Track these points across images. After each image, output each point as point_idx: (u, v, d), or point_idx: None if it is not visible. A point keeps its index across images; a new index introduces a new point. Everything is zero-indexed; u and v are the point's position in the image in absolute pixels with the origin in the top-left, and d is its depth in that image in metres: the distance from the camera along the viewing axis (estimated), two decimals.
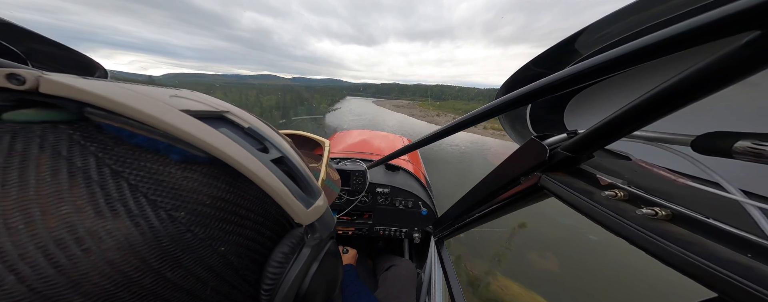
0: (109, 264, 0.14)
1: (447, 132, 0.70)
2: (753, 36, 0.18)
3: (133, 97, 0.15)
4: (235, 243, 0.18)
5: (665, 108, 0.26)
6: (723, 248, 0.22)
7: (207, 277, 0.17)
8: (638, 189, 0.31)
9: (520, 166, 0.51)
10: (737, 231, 0.22)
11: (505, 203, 0.59)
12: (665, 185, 0.31)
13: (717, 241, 0.22)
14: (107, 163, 0.15)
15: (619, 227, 0.30)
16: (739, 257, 0.21)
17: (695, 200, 0.27)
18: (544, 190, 0.45)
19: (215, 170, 0.18)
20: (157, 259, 0.15)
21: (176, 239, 0.16)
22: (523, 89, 0.46)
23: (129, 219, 0.14)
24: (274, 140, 0.23)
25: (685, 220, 0.26)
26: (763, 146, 0.22)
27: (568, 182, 0.40)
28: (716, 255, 0.21)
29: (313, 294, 0.22)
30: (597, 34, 0.46)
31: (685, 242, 0.24)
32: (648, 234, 0.27)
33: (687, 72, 0.23)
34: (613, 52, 0.30)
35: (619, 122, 0.31)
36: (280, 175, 0.20)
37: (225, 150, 0.17)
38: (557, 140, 0.46)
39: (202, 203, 0.17)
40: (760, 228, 0.22)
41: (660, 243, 0.25)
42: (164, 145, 0.16)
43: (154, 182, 0.16)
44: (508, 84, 0.62)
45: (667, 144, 0.31)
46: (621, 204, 0.31)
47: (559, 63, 0.54)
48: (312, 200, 0.22)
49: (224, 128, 0.20)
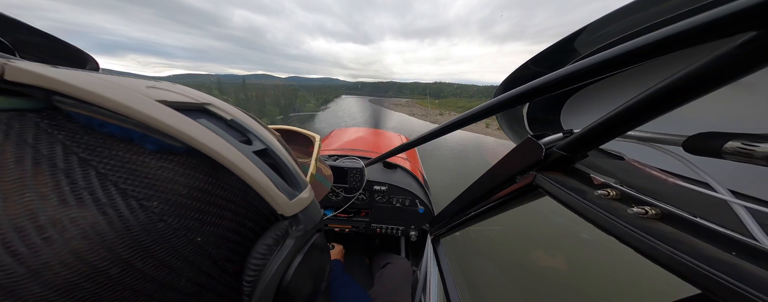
0: (72, 253, 0.13)
1: (445, 130, 0.71)
2: (749, 37, 0.19)
3: (104, 86, 0.15)
4: (214, 233, 0.18)
5: (659, 108, 0.26)
6: (709, 246, 0.22)
7: (181, 267, 0.17)
8: (630, 189, 0.32)
9: (516, 165, 0.51)
10: (723, 229, 0.22)
11: (500, 202, 0.60)
12: (656, 185, 0.32)
13: (704, 239, 0.23)
14: (75, 151, 0.15)
15: (610, 225, 0.30)
16: (724, 255, 0.21)
17: (685, 200, 0.28)
18: (539, 189, 0.46)
19: (193, 161, 0.18)
20: (126, 249, 0.15)
21: (147, 228, 0.15)
22: (520, 88, 0.46)
23: (96, 208, 0.14)
24: (257, 132, 0.24)
25: (674, 219, 0.26)
26: (753, 147, 0.22)
27: (562, 181, 0.41)
28: (702, 253, 0.22)
29: (297, 286, 0.23)
30: (595, 34, 0.47)
31: (673, 240, 0.24)
32: (638, 232, 0.27)
33: (681, 73, 0.23)
34: (610, 52, 0.30)
35: (614, 122, 0.31)
36: (263, 166, 0.20)
37: (201, 140, 0.17)
38: (553, 140, 0.46)
39: (177, 192, 0.17)
40: (746, 227, 0.22)
41: (649, 241, 0.26)
42: (138, 134, 0.16)
43: (125, 171, 0.16)
44: (506, 83, 0.62)
45: (659, 144, 0.32)
46: (613, 203, 0.32)
47: (557, 62, 0.55)
48: (296, 192, 0.22)
49: (203, 119, 0.20)
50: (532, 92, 0.44)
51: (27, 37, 0.40)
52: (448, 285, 0.92)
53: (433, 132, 0.76)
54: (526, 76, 0.59)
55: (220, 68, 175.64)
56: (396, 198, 1.30)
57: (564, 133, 0.45)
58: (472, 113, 0.60)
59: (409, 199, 1.29)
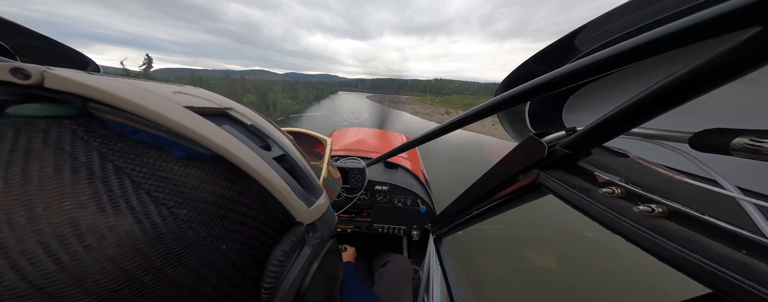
0: (110, 261, 0.13)
1: (446, 130, 0.70)
2: (754, 32, 0.18)
3: (137, 93, 0.15)
4: (237, 241, 0.18)
5: (664, 105, 0.26)
6: (718, 244, 0.22)
7: (208, 275, 0.17)
8: (635, 186, 0.31)
9: (519, 163, 0.51)
10: (733, 227, 0.22)
11: (503, 201, 0.60)
12: (662, 183, 0.32)
13: (713, 238, 0.23)
14: (110, 159, 0.15)
15: (616, 224, 0.30)
16: (734, 254, 0.21)
17: (692, 197, 0.28)
18: (542, 187, 0.46)
19: (218, 168, 0.18)
20: (159, 257, 0.15)
21: (178, 236, 0.16)
22: (522, 86, 0.45)
23: (131, 216, 0.14)
24: (276, 138, 0.23)
25: (681, 217, 0.26)
26: (762, 143, 0.22)
27: (566, 180, 0.40)
28: (712, 252, 0.22)
29: (313, 292, 0.23)
30: (597, 31, 0.46)
31: (681, 238, 0.24)
32: (644, 230, 0.27)
33: (686, 69, 0.23)
34: (613, 49, 0.29)
35: (618, 119, 0.31)
36: (282, 173, 0.20)
37: (228, 147, 0.17)
38: (556, 138, 0.46)
39: (205, 200, 0.17)
40: (756, 225, 0.22)
41: (656, 240, 0.25)
42: (167, 141, 0.16)
43: (156, 179, 0.16)
44: (507, 81, 0.62)
45: (665, 141, 0.32)
46: (618, 201, 0.31)
47: (559, 60, 0.54)
48: (313, 198, 0.22)
49: (227, 125, 0.19)
50: (533, 90, 0.43)
51: (27, 41, 0.40)
52: (451, 284, 0.91)
53: (434, 131, 0.76)
54: (527, 74, 0.58)
55: (217, 64, 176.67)
56: (397, 198, 1.29)
57: (567, 131, 0.45)
58: (473, 112, 0.60)
59: (410, 199, 1.29)
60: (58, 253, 0.12)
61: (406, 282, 1.03)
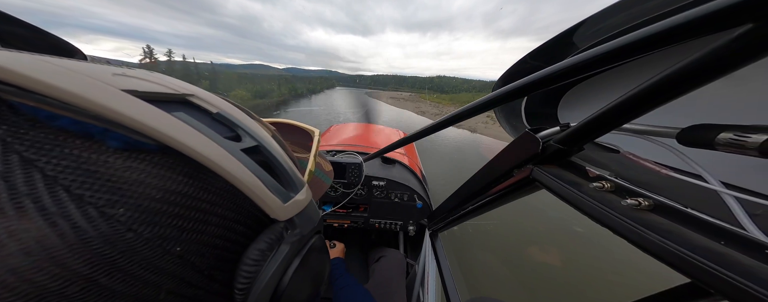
0: (12, 272, 0.11)
1: (443, 125, 0.71)
2: (745, 29, 0.19)
3: (52, 71, 0.13)
4: (197, 241, 0.17)
5: (656, 101, 0.26)
6: (699, 236, 0.23)
7: (158, 281, 0.15)
8: (624, 181, 0.32)
9: (514, 158, 0.52)
10: (713, 219, 0.23)
11: (498, 196, 0.61)
12: (650, 177, 0.32)
13: (694, 229, 0.23)
14: (16, 149, 0.13)
15: (604, 217, 0.31)
16: (713, 245, 0.22)
17: (677, 191, 0.28)
18: (536, 182, 0.46)
19: (169, 160, 0.16)
20: (85, 264, 0.13)
21: (112, 240, 0.14)
22: (519, 82, 0.46)
23: (42, 218, 0.12)
24: (248, 128, 0.21)
25: (666, 210, 0.27)
26: (745, 138, 0.22)
27: (558, 175, 0.41)
28: (692, 243, 0.22)
29: (294, 292, 0.22)
30: (594, 28, 0.46)
31: (664, 231, 0.25)
32: (630, 223, 0.28)
33: (678, 65, 0.23)
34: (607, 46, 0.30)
35: (610, 115, 0.31)
36: (252, 166, 0.18)
37: (175, 136, 0.15)
38: (550, 133, 0.46)
39: (150, 197, 0.15)
40: (735, 217, 0.23)
41: (641, 232, 0.26)
42: (98, 130, 0.14)
43: (81, 173, 0.13)
44: (505, 77, 0.62)
45: (654, 136, 0.32)
46: (607, 195, 0.32)
47: (556, 56, 0.55)
48: (291, 193, 0.21)
49: (181, 113, 0.18)
50: (530, 85, 0.44)
51: (10, 28, 0.39)
52: (445, 278, 0.93)
53: (431, 127, 0.76)
54: (525, 70, 0.59)
55: (216, 57, 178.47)
56: (394, 193, 1.30)
57: (561, 126, 0.45)
58: (470, 107, 0.60)
59: (407, 194, 1.30)
60: None
61: (399, 276, 1.05)
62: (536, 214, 3.18)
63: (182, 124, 0.16)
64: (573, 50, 0.52)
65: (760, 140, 0.21)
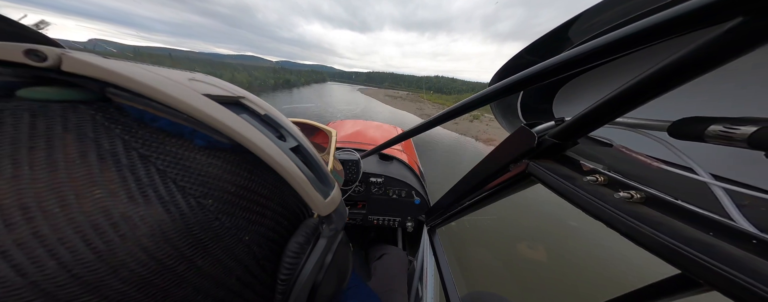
0: (144, 250, 0.13)
1: (441, 120, 0.71)
2: (735, 22, 0.19)
3: (157, 79, 0.15)
4: (257, 232, 0.19)
5: (649, 94, 0.26)
6: (688, 227, 0.23)
7: (233, 266, 0.17)
8: (617, 174, 0.32)
9: (510, 153, 0.52)
10: (702, 211, 0.23)
11: (494, 191, 0.61)
12: (642, 170, 0.33)
13: (684, 221, 0.24)
14: (134, 146, 0.15)
15: (598, 210, 0.31)
16: (702, 235, 0.22)
17: (668, 184, 0.29)
18: (532, 177, 0.47)
19: (237, 158, 0.18)
20: (189, 247, 0.15)
21: (206, 227, 0.16)
22: (514, 77, 0.46)
23: (161, 205, 0.14)
24: (290, 128, 0.23)
25: (657, 202, 0.27)
26: (734, 130, 0.23)
27: (553, 169, 0.41)
28: (681, 235, 0.23)
29: (326, 285, 0.23)
30: (589, 22, 0.46)
31: (656, 223, 0.25)
32: (623, 216, 0.28)
33: (671, 59, 0.23)
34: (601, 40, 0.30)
35: (604, 109, 0.31)
36: (300, 164, 0.20)
37: (250, 137, 0.17)
38: (545, 128, 0.47)
39: (227, 191, 0.17)
40: (724, 208, 0.23)
41: (633, 224, 0.27)
42: (188, 130, 0.16)
43: (181, 168, 0.15)
44: (501, 73, 0.62)
45: (646, 130, 0.33)
46: (600, 189, 0.33)
47: (551, 51, 0.55)
48: (329, 190, 0.22)
49: (245, 115, 0.19)
50: (526, 80, 0.44)
51: None
52: (444, 273, 0.94)
53: (429, 122, 0.77)
54: (521, 65, 0.59)
55: (205, 46, 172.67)
56: (392, 190, 1.31)
57: (556, 121, 0.46)
58: (467, 103, 0.61)
59: (405, 190, 1.30)
60: (95, 242, 0.12)
61: (401, 274, 1.06)
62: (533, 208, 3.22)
63: (251, 126, 0.18)
64: (568, 45, 0.52)
65: (748, 132, 0.22)
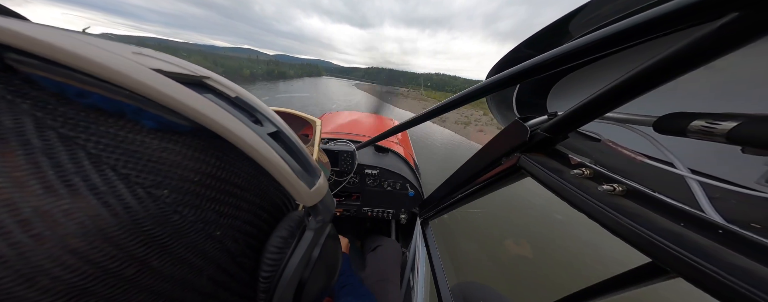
0: (73, 253, 0.11)
1: (438, 111, 0.72)
2: (730, 18, 0.19)
3: (81, 45, 0.12)
4: (232, 226, 0.17)
5: (640, 88, 0.27)
6: (662, 218, 0.24)
7: (203, 265, 0.15)
8: (602, 168, 0.34)
9: (503, 147, 0.53)
10: (677, 203, 0.25)
11: (486, 184, 0.63)
12: (626, 164, 0.34)
13: (659, 213, 0.25)
14: (51, 125, 0.12)
15: (582, 202, 0.33)
16: (673, 226, 0.23)
17: (650, 177, 0.30)
18: (522, 170, 0.48)
19: (201, 143, 0.16)
20: (140, 246, 0.13)
21: (161, 221, 0.13)
22: (512, 69, 0.46)
23: (94, 197, 0.12)
24: (266, 113, 0.21)
25: (637, 195, 0.28)
26: (715, 125, 0.24)
27: (543, 162, 0.43)
28: (655, 225, 0.24)
29: (314, 282, 0.21)
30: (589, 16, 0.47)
31: (633, 214, 0.27)
32: (604, 208, 0.29)
33: (666, 52, 0.23)
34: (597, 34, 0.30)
35: (596, 103, 0.32)
36: (279, 150, 0.18)
37: (216, 118, 0.14)
38: (538, 122, 0.48)
39: (189, 180, 0.15)
40: (697, 201, 0.24)
41: (612, 216, 0.28)
42: (132, 108, 0.13)
43: (123, 153, 0.13)
44: (499, 66, 0.63)
45: (633, 125, 0.34)
46: (585, 182, 0.34)
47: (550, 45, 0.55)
48: (314, 179, 0.20)
49: (209, 95, 0.17)
50: (523, 73, 0.44)
51: None
52: (435, 264, 0.97)
53: (426, 114, 0.77)
54: (519, 58, 0.59)
55: (200, 38, 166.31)
56: (387, 182, 1.32)
57: (549, 115, 0.46)
58: (464, 95, 0.61)
59: (400, 182, 1.32)
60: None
61: (395, 265, 1.09)
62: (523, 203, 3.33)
63: (216, 106, 0.15)
64: (567, 40, 0.52)
65: (728, 128, 0.23)
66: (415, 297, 0.97)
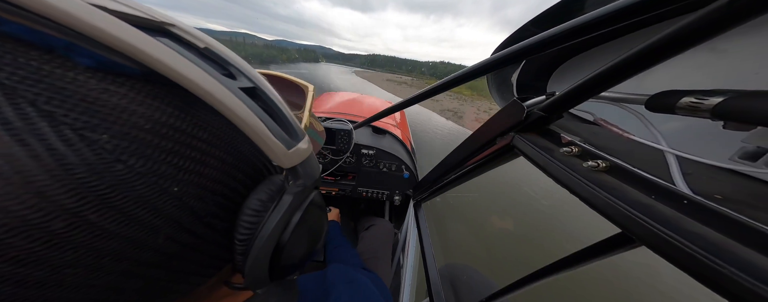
0: None
1: (438, 89, 0.72)
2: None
3: None
4: (196, 183, 0.16)
5: (640, 66, 0.26)
6: (636, 191, 0.26)
7: (157, 223, 0.14)
8: (590, 146, 0.34)
9: (499, 126, 0.54)
10: (650, 176, 0.26)
11: (479, 164, 0.64)
12: (613, 141, 0.35)
13: (635, 186, 0.26)
14: None
15: (566, 179, 0.34)
16: (644, 198, 0.25)
17: (634, 154, 0.31)
18: (515, 149, 0.49)
19: (155, 89, 0.15)
20: (70, 196, 0.11)
21: (99, 171, 0.12)
22: (517, 45, 0.46)
23: (6, 133, 0.10)
24: (243, 68, 0.20)
25: (618, 170, 0.29)
26: (702, 101, 0.24)
27: (535, 141, 0.43)
28: (629, 198, 0.25)
29: (294, 246, 0.22)
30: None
31: (611, 188, 0.28)
32: (586, 183, 0.31)
33: (674, 27, 0.23)
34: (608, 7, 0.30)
35: (593, 81, 0.32)
36: (253, 107, 0.17)
37: (167, 61, 0.13)
38: (536, 102, 0.48)
39: (137, 126, 0.14)
40: (670, 174, 0.25)
41: (592, 190, 0.29)
42: (63, 43, 0.12)
43: (46, 87, 0.11)
44: (505, 44, 0.62)
45: (626, 104, 0.34)
46: (572, 159, 0.35)
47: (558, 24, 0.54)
48: (293, 142, 0.20)
49: (166, 40, 0.15)
50: (528, 49, 0.44)
51: None
52: (425, 246, 1.01)
53: (426, 92, 0.77)
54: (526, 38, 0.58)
55: (196, 21, 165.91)
56: (383, 163, 1.34)
57: (547, 95, 0.47)
58: (467, 72, 0.61)
59: (395, 164, 1.34)
60: None
61: (387, 244, 1.13)
62: None
63: (172, 51, 0.14)
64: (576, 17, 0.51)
65: (714, 103, 0.23)
66: (403, 275, 1.03)
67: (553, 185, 0.37)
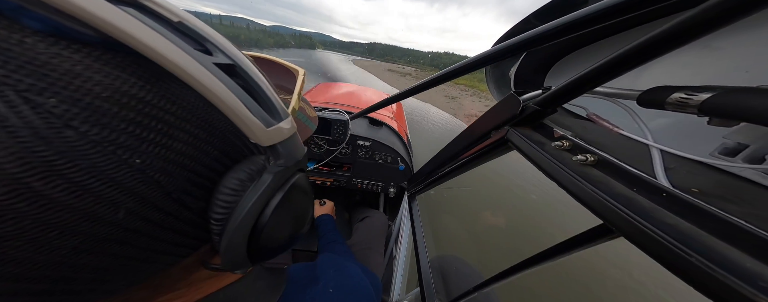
0: None
1: (437, 80, 0.72)
2: None
3: None
4: (162, 157, 0.15)
5: (635, 61, 0.27)
6: (619, 184, 0.27)
7: (114, 196, 0.14)
8: (581, 140, 0.35)
9: (495, 120, 0.55)
10: (634, 169, 0.27)
11: (472, 157, 0.65)
12: (603, 136, 0.36)
13: (618, 179, 0.28)
14: None
15: (555, 172, 0.35)
16: (626, 191, 0.26)
17: (621, 148, 0.32)
18: (509, 143, 0.50)
19: (116, 59, 0.14)
20: (10, 160, 0.11)
21: (44, 135, 0.12)
22: (518, 38, 0.46)
23: None
24: (221, 44, 0.19)
25: (605, 164, 0.30)
26: (691, 97, 0.25)
27: (528, 135, 0.44)
28: (612, 190, 0.27)
29: (274, 229, 0.21)
30: None
31: (596, 181, 0.29)
32: (574, 176, 0.32)
33: (663, 27, 0.23)
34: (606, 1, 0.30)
35: (589, 76, 0.33)
36: (228, 82, 0.17)
37: (128, 29, 0.13)
38: (532, 96, 0.48)
39: (92, 93, 0.13)
40: (653, 169, 0.27)
41: (579, 183, 0.30)
42: (11, 5, 0.12)
43: None
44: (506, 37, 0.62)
45: (619, 99, 0.35)
46: (563, 153, 0.36)
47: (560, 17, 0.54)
48: (274, 121, 0.19)
49: (131, 9, 0.15)
50: (529, 41, 0.44)
51: None
52: (417, 238, 1.03)
53: (424, 83, 0.77)
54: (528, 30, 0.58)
55: (190, 4, 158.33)
56: (379, 154, 1.35)
57: (543, 90, 0.47)
58: (466, 64, 0.61)
59: (391, 156, 1.35)
60: None
61: (380, 235, 1.16)
62: None
63: (136, 20, 0.14)
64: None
65: (702, 99, 0.24)
66: (396, 266, 1.05)
67: (543, 179, 0.39)
